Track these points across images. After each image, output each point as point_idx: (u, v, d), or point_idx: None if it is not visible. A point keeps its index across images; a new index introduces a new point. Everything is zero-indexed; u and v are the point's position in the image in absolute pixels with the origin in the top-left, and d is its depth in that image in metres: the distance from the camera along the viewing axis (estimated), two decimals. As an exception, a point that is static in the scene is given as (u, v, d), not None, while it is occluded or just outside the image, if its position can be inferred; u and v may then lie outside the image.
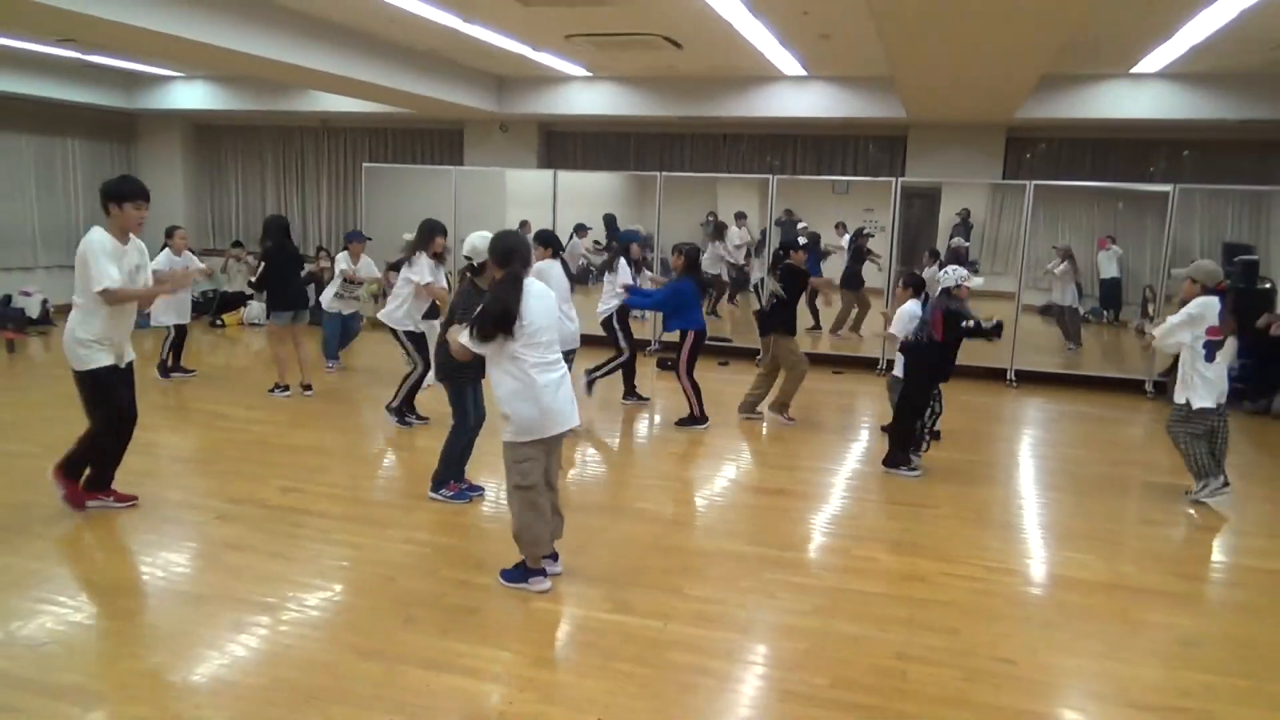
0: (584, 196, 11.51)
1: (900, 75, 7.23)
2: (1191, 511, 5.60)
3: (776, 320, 7.13)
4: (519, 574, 4.09)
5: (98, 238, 4.56)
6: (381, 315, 6.74)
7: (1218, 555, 5.06)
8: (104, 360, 4.67)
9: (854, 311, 10.78)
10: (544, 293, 3.96)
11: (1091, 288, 10.95)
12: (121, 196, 4.59)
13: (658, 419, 7.58)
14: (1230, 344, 8.44)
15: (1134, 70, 8.78)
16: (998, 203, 10.99)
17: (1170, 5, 6.07)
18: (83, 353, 4.65)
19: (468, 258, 4.87)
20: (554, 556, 4.23)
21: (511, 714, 3.10)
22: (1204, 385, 5.55)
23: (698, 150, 11.84)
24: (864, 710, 3.18)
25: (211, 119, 13.27)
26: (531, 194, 11.67)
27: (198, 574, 4.21)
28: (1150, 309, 10.12)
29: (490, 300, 3.83)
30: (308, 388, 7.73)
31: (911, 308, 6.36)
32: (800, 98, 10.17)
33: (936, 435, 6.53)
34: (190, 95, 12.14)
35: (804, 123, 10.78)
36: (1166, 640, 3.86)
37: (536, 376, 3.85)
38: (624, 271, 7.47)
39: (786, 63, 8.92)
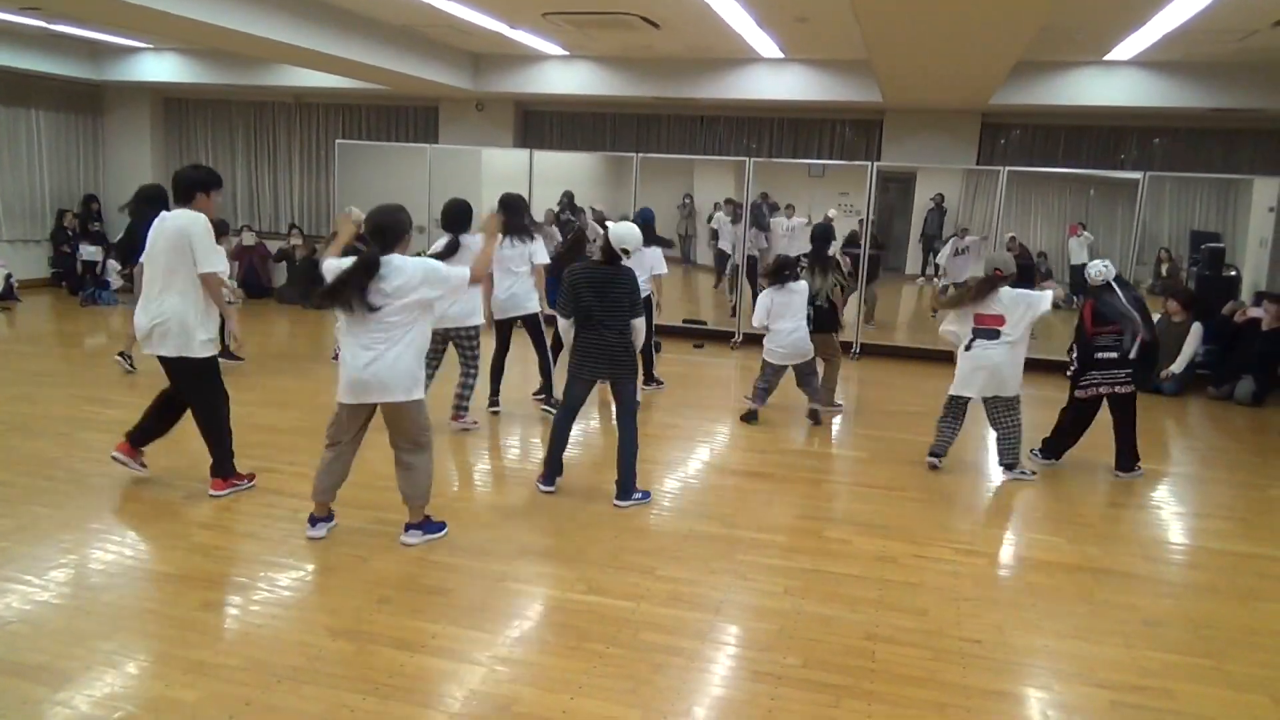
0: (559, 176, 11.44)
1: (876, 60, 7.23)
2: (1156, 495, 5.73)
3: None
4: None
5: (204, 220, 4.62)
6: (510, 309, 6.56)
7: (1179, 537, 5.16)
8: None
9: None
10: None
11: (1062, 274, 11.08)
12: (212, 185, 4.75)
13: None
14: (1196, 330, 8.67)
15: (1107, 58, 8.85)
16: (971, 188, 11.07)
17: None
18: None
19: (625, 250, 4.96)
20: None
21: (484, 694, 3.11)
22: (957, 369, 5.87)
23: (675, 131, 11.79)
24: (834, 690, 3.22)
25: (181, 92, 13.02)
26: (506, 173, 11.57)
27: (167, 553, 4.18)
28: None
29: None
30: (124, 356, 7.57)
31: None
32: (777, 80, 10.15)
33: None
34: (159, 67, 11.90)
35: (781, 105, 10.76)
36: (1129, 620, 3.93)
37: None
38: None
39: (764, 45, 8.90)
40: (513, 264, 6.50)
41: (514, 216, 6.44)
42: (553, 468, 5.16)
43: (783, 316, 6.67)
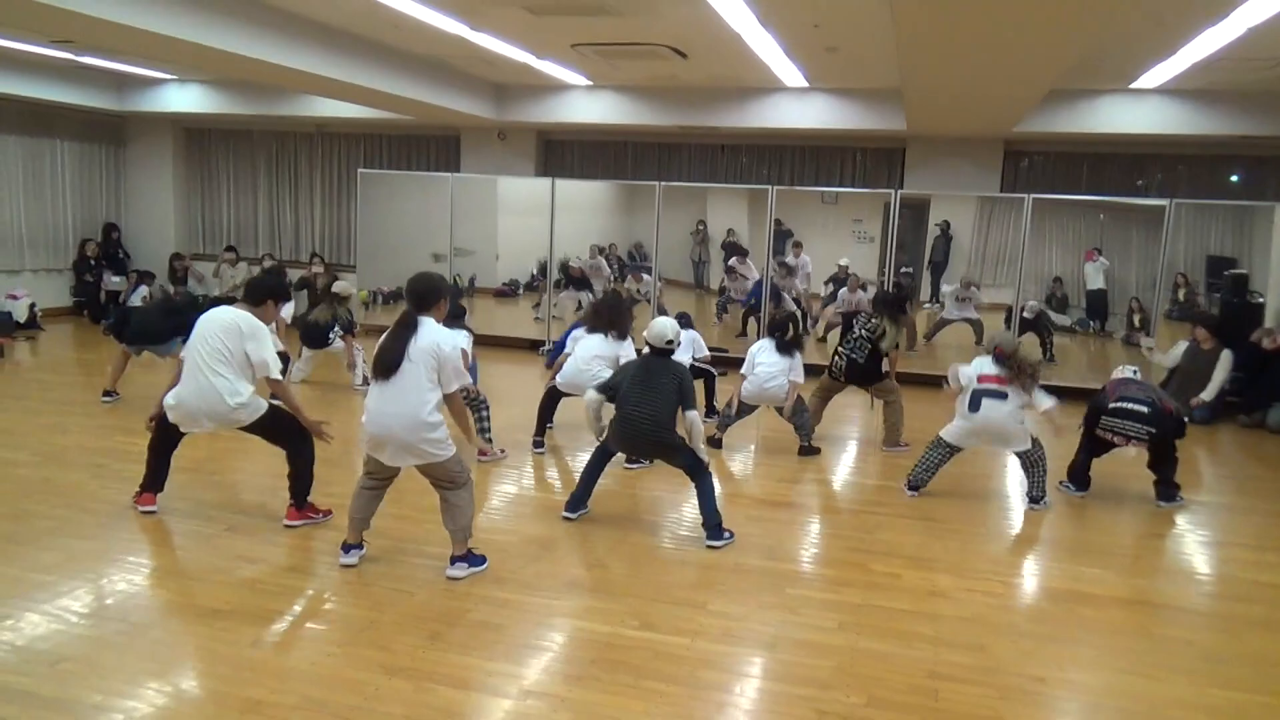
0: (576, 204, 11.48)
1: (910, 89, 7.24)
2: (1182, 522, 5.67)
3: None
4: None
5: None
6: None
7: (1225, 569, 5.07)
8: None
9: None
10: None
11: (1078, 299, 11.07)
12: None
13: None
14: (1226, 356, 8.61)
15: (1133, 85, 8.86)
16: (987, 214, 11.09)
17: (1178, 23, 6.12)
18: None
19: (669, 342, 5.10)
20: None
21: (548, 734, 3.05)
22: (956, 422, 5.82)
23: (695, 159, 11.82)
24: (902, 730, 3.16)
25: (203, 122, 13.13)
26: (523, 201, 11.65)
27: (212, 588, 4.13)
28: (1136, 320, 10.29)
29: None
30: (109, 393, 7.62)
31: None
32: (800, 109, 10.18)
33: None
34: (182, 98, 12.00)
35: (803, 134, 10.79)
36: (1189, 656, 3.87)
37: None
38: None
39: (789, 74, 8.93)
40: (598, 359, 6.37)
41: (602, 317, 6.54)
42: (579, 496, 5.19)
43: (760, 362, 6.72)
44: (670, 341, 5.09)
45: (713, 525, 4.92)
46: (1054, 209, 10.30)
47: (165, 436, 4.91)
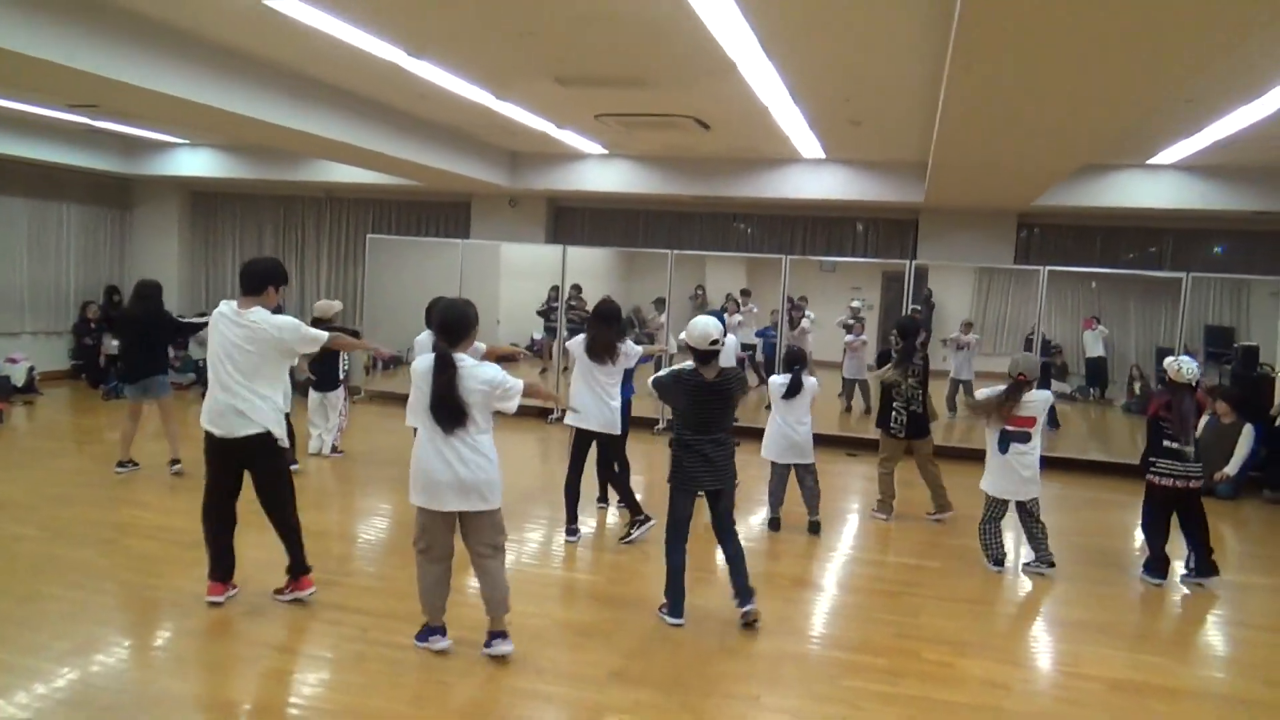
0: (582, 270, 11.44)
1: (941, 163, 7.21)
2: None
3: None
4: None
5: None
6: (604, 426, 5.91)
7: (1274, 655, 4.88)
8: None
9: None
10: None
11: (1077, 366, 11.04)
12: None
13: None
14: (1249, 431, 8.50)
15: (1150, 161, 8.93)
16: (986, 284, 11.12)
17: (1209, 100, 6.15)
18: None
19: (715, 341, 4.57)
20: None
21: None
22: (991, 471, 5.83)
23: (705, 227, 11.82)
24: (995, 846, 2.95)
25: (211, 186, 13.09)
26: (526, 266, 11.61)
27: (237, 680, 3.90)
28: (1137, 388, 10.26)
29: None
30: (175, 462, 7.25)
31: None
32: (815, 180, 10.20)
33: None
34: (191, 162, 11.98)
35: (816, 204, 10.82)
36: (1275, 758, 3.67)
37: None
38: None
39: (808, 145, 8.96)
40: (601, 384, 5.84)
41: (604, 330, 5.84)
42: (677, 596, 4.69)
43: (782, 410, 6.44)
44: (715, 341, 4.51)
45: (748, 589, 4.65)
46: (1056, 278, 10.32)
47: (219, 505, 4.58)
